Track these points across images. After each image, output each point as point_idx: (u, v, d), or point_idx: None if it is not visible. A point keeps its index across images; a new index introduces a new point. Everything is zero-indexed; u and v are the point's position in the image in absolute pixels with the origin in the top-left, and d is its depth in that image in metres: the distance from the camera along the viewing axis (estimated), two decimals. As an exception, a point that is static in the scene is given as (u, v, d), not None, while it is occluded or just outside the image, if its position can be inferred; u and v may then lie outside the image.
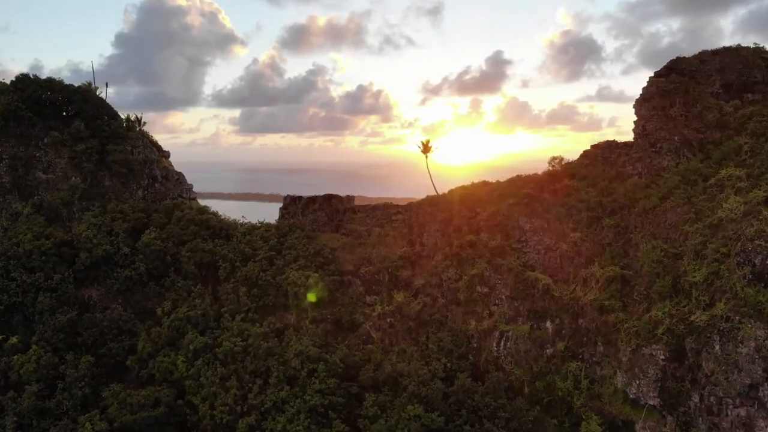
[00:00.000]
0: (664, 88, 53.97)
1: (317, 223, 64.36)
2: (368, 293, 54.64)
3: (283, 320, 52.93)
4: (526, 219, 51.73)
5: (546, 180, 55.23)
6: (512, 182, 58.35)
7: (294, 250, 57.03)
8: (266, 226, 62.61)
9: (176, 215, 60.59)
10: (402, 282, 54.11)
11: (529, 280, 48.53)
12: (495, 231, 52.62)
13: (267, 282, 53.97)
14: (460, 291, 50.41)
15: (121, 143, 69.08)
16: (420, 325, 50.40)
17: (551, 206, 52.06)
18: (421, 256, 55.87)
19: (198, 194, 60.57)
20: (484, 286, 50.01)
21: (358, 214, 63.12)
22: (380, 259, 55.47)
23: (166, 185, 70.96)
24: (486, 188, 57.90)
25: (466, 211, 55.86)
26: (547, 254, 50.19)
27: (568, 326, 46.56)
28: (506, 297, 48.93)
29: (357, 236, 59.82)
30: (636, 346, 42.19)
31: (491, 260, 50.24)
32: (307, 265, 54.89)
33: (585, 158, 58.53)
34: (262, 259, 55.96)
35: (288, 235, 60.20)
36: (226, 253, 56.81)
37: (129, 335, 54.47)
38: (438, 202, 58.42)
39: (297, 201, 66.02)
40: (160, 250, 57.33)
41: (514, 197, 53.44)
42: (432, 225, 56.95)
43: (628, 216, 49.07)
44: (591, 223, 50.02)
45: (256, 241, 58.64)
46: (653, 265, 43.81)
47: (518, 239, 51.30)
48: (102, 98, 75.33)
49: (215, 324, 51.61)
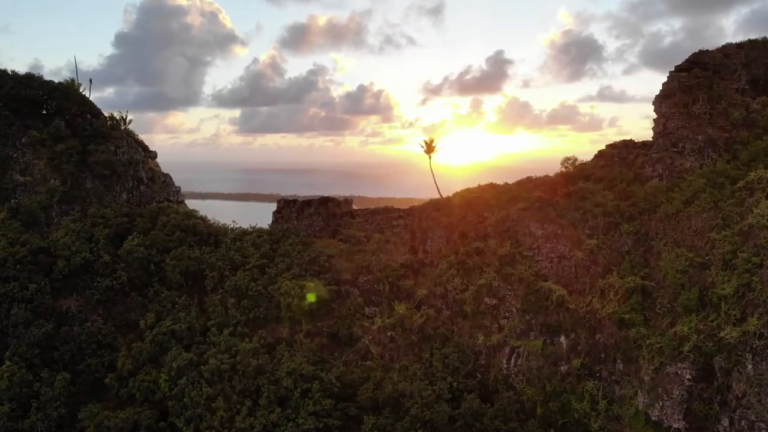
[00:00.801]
0: (687, 84, 51.78)
1: (313, 228, 61.94)
2: (367, 304, 52.25)
3: (275, 334, 50.46)
4: (537, 224, 49.43)
5: (559, 182, 52.92)
6: (522, 184, 56.05)
7: (287, 257, 54.59)
8: (258, 232, 60.20)
9: (161, 220, 58.13)
10: (404, 292, 51.75)
11: (542, 291, 46.33)
12: (504, 237, 50.31)
13: (258, 293, 51.52)
14: (466, 302, 48.08)
15: (103, 143, 66.84)
16: (423, 339, 48.02)
17: (565, 211, 49.80)
18: (424, 264, 53.52)
19: (198, 194, 58.66)
20: (493, 298, 47.67)
21: (356, 219, 60.71)
22: (380, 267, 53.09)
23: (152, 187, 68.59)
24: (493, 191, 55.51)
25: (473, 215, 53.54)
26: (561, 263, 47.90)
27: (584, 342, 44.42)
28: (517, 309, 46.62)
29: (355, 242, 57.42)
30: (659, 365, 40.25)
31: (500, 269, 47.96)
32: (301, 274, 52.47)
33: (600, 159, 56.35)
34: (253, 267, 53.53)
35: (281, 241, 57.78)
36: (214, 261, 54.33)
37: (109, 350, 52.09)
38: (442, 206, 56.06)
39: (291, 204, 63.62)
40: (143, 257, 54.87)
41: (524, 201, 51.11)
42: (436, 230, 54.58)
43: (648, 221, 46.95)
44: (608, 229, 47.88)
45: (246, 247, 56.19)
46: (677, 275, 41.75)
47: (529, 246, 49.02)
48: (84, 95, 72.94)
49: (201, 339, 49.15)
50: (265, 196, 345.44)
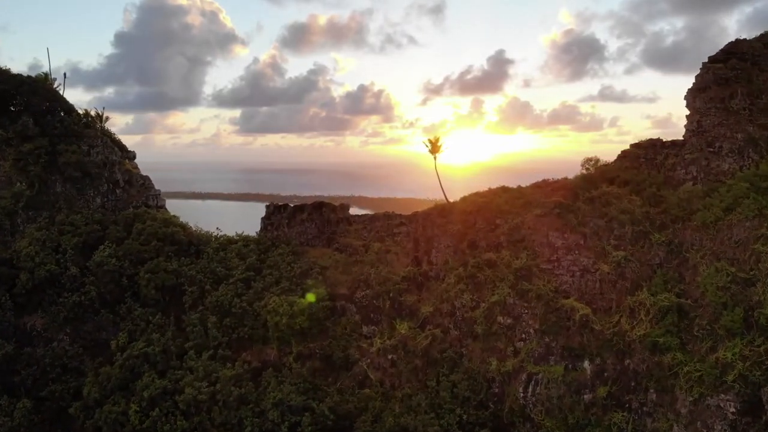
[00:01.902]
0: (723, 76, 48.28)
1: (305, 235, 58.17)
2: (365, 323, 48.53)
3: (261, 357, 46.70)
4: (557, 233, 45.79)
5: (580, 186, 49.24)
6: (538, 188, 52.35)
7: (276, 269, 50.85)
8: (244, 240, 56.46)
9: (136, 228, 54.37)
10: (406, 309, 48.04)
11: (563, 310, 42.90)
12: (519, 248, 46.66)
13: (242, 310, 47.81)
14: (477, 322, 44.47)
15: (75, 142, 63.21)
16: (428, 364, 44.38)
17: (587, 218, 46.24)
18: (428, 278, 49.79)
19: (198, 194, 55.83)
20: (507, 317, 44.04)
21: (353, 226, 56.93)
22: (380, 280, 49.38)
23: (129, 191, 64.86)
24: (506, 195, 51.78)
25: (483, 222, 49.85)
26: (584, 277, 44.33)
27: (611, 367, 41.13)
28: (535, 330, 43.05)
29: (352, 252, 53.64)
30: (699, 395, 37.16)
31: (515, 284, 44.39)
32: (291, 288, 48.76)
33: (624, 160, 52.77)
34: (237, 281, 49.82)
35: (270, 251, 54.09)
36: (194, 274, 50.57)
37: (75, 374, 48.54)
38: (448, 212, 52.34)
39: (281, 210, 59.90)
40: (114, 270, 51.14)
41: (541, 206, 47.46)
42: (442, 239, 50.82)
43: (682, 231, 43.69)
44: (637, 239, 44.60)
45: (230, 258, 52.45)
46: (718, 293, 38.49)
47: (548, 258, 45.40)
48: (56, 90, 69.19)
49: (177, 363, 45.39)
50: (265, 196, 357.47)
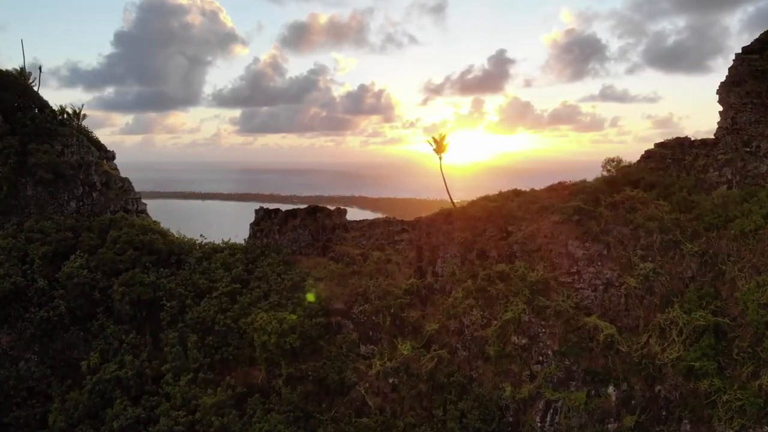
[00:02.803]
0: (759, 68, 45.44)
1: (298, 243, 54.73)
2: (363, 341, 45.20)
3: (248, 380, 43.28)
4: (577, 242, 42.52)
5: (601, 189, 45.97)
6: (554, 191, 49.02)
7: (265, 281, 47.44)
8: (231, 248, 52.96)
9: (111, 235, 50.92)
10: (409, 326, 44.75)
11: (585, 329, 39.82)
12: (535, 258, 43.41)
13: (226, 327, 44.39)
14: (488, 342, 41.23)
15: (47, 141, 59.63)
16: (434, 389, 41.03)
17: (611, 225, 43.05)
18: (433, 291, 46.44)
19: (198, 194, 53.08)
20: (523, 336, 40.73)
21: (351, 233, 53.46)
22: (380, 294, 46.03)
23: (106, 194, 61.39)
24: (519, 199, 48.45)
25: (494, 229, 46.52)
26: (608, 292, 41.13)
27: (639, 394, 38.14)
28: (553, 352, 39.86)
29: (350, 262, 50.24)
30: (740, 427, 34.03)
31: (531, 299, 41.11)
32: (281, 303, 45.37)
33: (648, 160, 49.61)
34: (222, 294, 46.40)
35: (258, 261, 50.67)
36: (174, 287, 47.12)
37: (43, 399, 45.28)
38: (455, 218, 48.98)
39: (272, 215, 56.44)
40: (85, 283, 47.73)
41: (559, 212, 44.11)
42: (448, 248, 47.46)
43: (717, 240, 40.67)
44: (666, 249, 41.56)
45: (215, 269, 48.97)
46: (760, 311, 35.72)
47: (567, 270, 42.16)
48: (30, 86, 65.76)
49: (153, 388, 41.94)
50: (265, 196, 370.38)
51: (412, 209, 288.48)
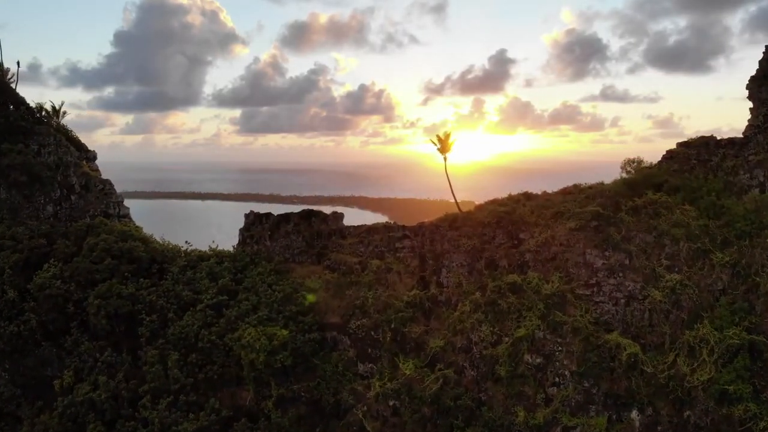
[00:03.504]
0: (794, 59, 42.15)
1: (291, 250, 52.02)
2: (361, 359, 42.51)
3: (234, 402, 40.63)
4: (596, 251, 39.79)
5: (621, 192, 43.12)
6: (569, 194, 46.38)
7: (254, 293, 44.69)
8: (218, 256, 50.19)
9: (88, 243, 48.09)
10: (411, 343, 42.11)
11: (606, 347, 37.35)
12: (549, 268, 40.74)
13: (211, 344, 41.69)
14: (499, 361, 38.67)
15: (23, 141, 57.12)
16: (439, 413, 38.48)
17: (633, 232, 40.42)
18: (438, 304, 43.73)
19: (198, 194, 51.01)
20: (537, 355, 38.11)
21: (348, 239, 50.71)
22: (379, 306, 43.39)
23: (85, 197, 58.72)
24: (531, 203, 45.87)
25: (504, 236, 43.83)
26: (631, 306, 38.48)
27: (666, 420, 35.90)
28: (571, 372, 37.21)
29: (346, 271, 47.56)
30: None
31: (546, 314, 38.51)
32: (271, 317, 42.66)
33: (671, 161, 46.82)
34: (207, 307, 43.69)
35: (248, 270, 47.99)
36: (154, 299, 44.35)
37: (12, 421, 42.49)
38: (461, 223, 46.29)
39: (263, 219, 53.76)
40: (59, 295, 45.04)
41: (575, 218, 41.43)
42: (454, 256, 44.75)
43: (750, 249, 38.37)
44: (694, 258, 38.99)
45: (200, 279, 46.29)
46: None
47: (586, 282, 39.48)
48: (6, 82, 63.10)
49: (129, 412, 39.25)
50: (265, 196, 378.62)
51: (413, 209, 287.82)
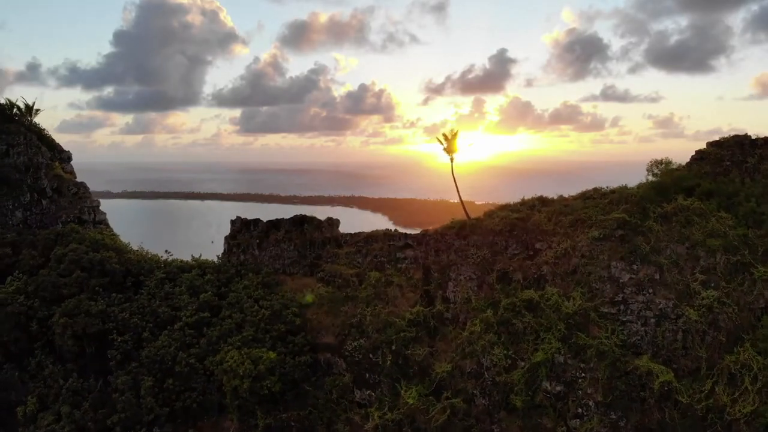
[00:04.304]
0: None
1: (282, 261, 48.71)
2: (359, 385, 39.14)
3: (216, 433, 36.89)
4: (623, 264, 36.45)
5: (649, 197, 39.73)
6: (590, 198, 43.00)
7: (239, 310, 41.22)
8: (201, 267, 46.80)
9: (56, 253, 44.58)
10: (414, 367, 38.81)
11: (635, 374, 34.13)
12: (570, 283, 37.45)
13: (190, 368, 38.32)
14: (515, 389, 35.35)
15: (-12, 140, 53.64)
16: (446, 447, 34.57)
17: (662, 242, 36.96)
18: (444, 322, 40.41)
19: (198, 194, 48.19)
20: (557, 383, 34.81)
21: (344, 249, 47.42)
22: (378, 325, 40.13)
23: (57, 202, 55.50)
24: (547, 209, 42.48)
25: (518, 246, 40.54)
26: (662, 326, 35.25)
27: None
28: (596, 403, 33.97)
29: (342, 284, 44.23)
30: None
31: (567, 336, 35.30)
32: (257, 338, 39.25)
33: (702, 163, 43.86)
34: (186, 326, 40.14)
35: (233, 283, 44.64)
36: (127, 317, 40.98)
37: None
38: (470, 232, 42.97)
39: (251, 226, 50.37)
40: (21, 312, 41.63)
41: (598, 226, 38.18)
42: (462, 269, 41.47)
43: None
44: (733, 272, 36.39)
45: (179, 294, 42.94)
46: None
47: (611, 299, 36.18)
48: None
49: (97, 447, 35.50)
50: (265, 196, 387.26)
51: (413, 209, 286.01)
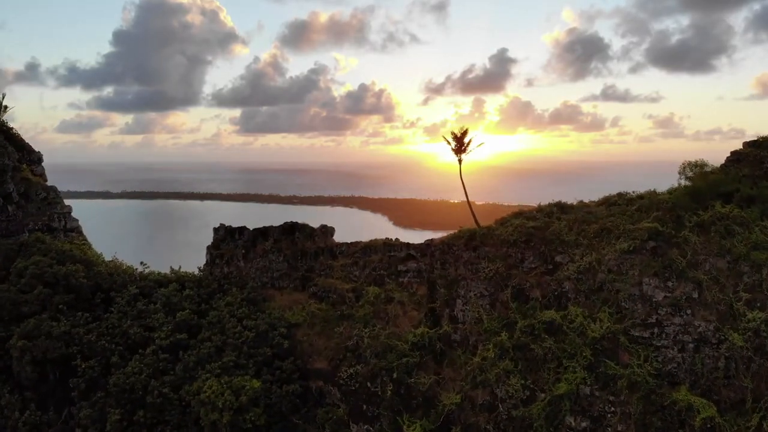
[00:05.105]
0: None
1: (269, 274, 45.24)
2: (355, 418, 35.78)
3: (192, 475, 33.29)
4: (656, 281, 33.04)
5: (683, 204, 36.10)
6: (615, 205, 39.25)
7: (219, 330, 37.81)
8: (179, 281, 43.30)
9: (18, 266, 40.99)
10: (418, 398, 35.41)
11: (673, 408, 30.75)
12: (595, 302, 34.11)
13: (163, 398, 34.92)
14: (534, 425, 31.88)
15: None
16: (455, 493, 31.07)
17: (701, 256, 33.36)
18: (452, 345, 36.98)
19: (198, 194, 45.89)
20: (583, 417, 31.45)
21: (339, 260, 43.94)
22: (377, 349, 36.76)
23: (25, 208, 52.11)
24: (568, 217, 38.82)
25: (536, 259, 37.22)
26: (702, 352, 32.09)
27: None
28: (628, 442, 29.84)
29: (337, 301, 40.74)
30: None
31: (594, 364, 31.97)
32: (240, 364, 35.73)
33: (739, 165, 40.53)
34: (160, 350, 36.52)
35: (214, 299, 41.12)
36: (94, 339, 37.30)
37: None
38: (481, 242, 39.40)
39: (236, 235, 46.83)
40: (-26, 333, 37.72)
41: (628, 237, 34.80)
42: (472, 284, 37.97)
43: None
44: None
45: (154, 312, 39.31)
46: None
47: (643, 320, 32.92)
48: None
49: (53, 493, 31.98)
50: (265, 196, 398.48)
51: (413, 210, 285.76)
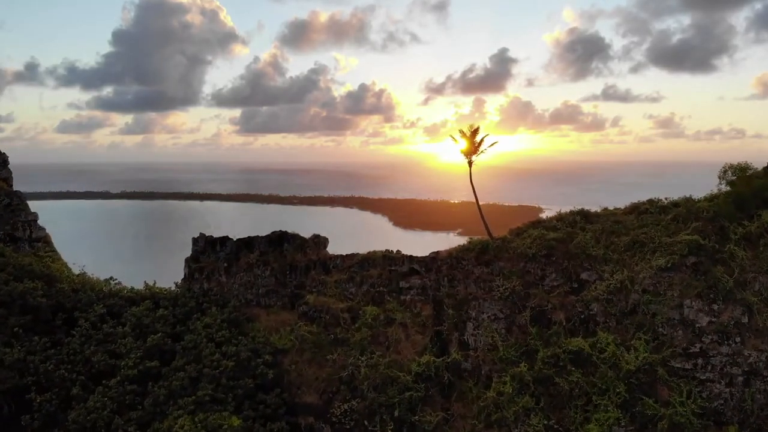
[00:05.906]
0: None
1: (254, 290, 41.52)
2: (351, 460, 31.49)
3: None
4: (699, 303, 29.47)
5: (726, 213, 32.36)
6: (646, 213, 35.60)
7: (195, 359, 34.06)
8: (153, 299, 39.46)
9: (-30, 282, 37.24)
10: (424, 435, 31.00)
11: None
12: (628, 328, 30.57)
13: (129, 440, 30.58)
14: (558, 473, 27.47)
15: None
16: None
17: (751, 274, 29.79)
18: (462, 375, 33.33)
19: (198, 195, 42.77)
20: (616, 466, 27.12)
21: (333, 275, 40.20)
22: (376, 380, 33.16)
23: (-15, 216, 47.88)
24: (594, 227, 34.95)
25: (558, 276, 33.70)
26: (752, 386, 28.77)
27: None
28: (671, 496, 26.13)
29: (330, 322, 37.09)
30: None
31: (629, 401, 27.97)
32: (218, 398, 32.04)
33: (787, 164, 35.89)
34: (126, 381, 32.76)
35: (191, 320, 37.30)
36: (51, 368, 33.55)
37: None
38: (494, 257, 35.48)
39: (218, 246, 43.05)
40: None
41: (665, 251, 31.35)
42: (484, 305, 34.34)
43: None
44: None
45: (121, 336, 35.48)
46: None
47: (684, 349, 29.36)
48: None
49: None
50: (264, 196, 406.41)
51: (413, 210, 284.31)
